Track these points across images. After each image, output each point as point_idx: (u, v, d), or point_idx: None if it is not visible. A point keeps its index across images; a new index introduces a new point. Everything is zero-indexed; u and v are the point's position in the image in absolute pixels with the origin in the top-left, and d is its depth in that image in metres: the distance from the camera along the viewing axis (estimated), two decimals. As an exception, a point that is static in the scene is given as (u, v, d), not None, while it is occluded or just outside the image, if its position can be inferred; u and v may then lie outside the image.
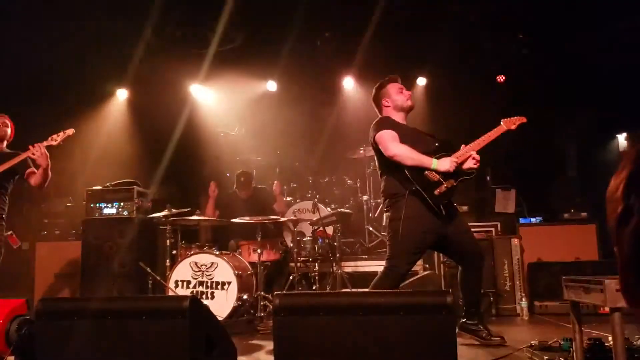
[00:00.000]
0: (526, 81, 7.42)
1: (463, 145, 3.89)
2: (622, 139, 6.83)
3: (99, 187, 6.21)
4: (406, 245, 3.69)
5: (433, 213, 3.69)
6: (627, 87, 6.42)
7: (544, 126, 7.12)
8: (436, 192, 3.69)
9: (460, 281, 3.97)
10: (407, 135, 3.86)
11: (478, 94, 7.62)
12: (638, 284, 0.70)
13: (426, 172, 3.73)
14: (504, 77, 7.17)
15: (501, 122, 4.04)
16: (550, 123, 7.19)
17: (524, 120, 4.08)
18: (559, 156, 7.54)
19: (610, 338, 2.52)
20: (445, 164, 3.73)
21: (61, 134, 4.41)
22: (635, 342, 3.08)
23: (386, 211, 3.91)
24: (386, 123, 3.94)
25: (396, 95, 4.00)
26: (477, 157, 3.82)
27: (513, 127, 4.03)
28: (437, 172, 3.73)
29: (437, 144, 3.90)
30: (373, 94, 4.14)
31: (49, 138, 4.37)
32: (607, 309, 2.45)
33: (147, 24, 6.37)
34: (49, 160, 4.29)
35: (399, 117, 4.01)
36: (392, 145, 3.76)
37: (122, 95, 7.66)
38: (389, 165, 3.82)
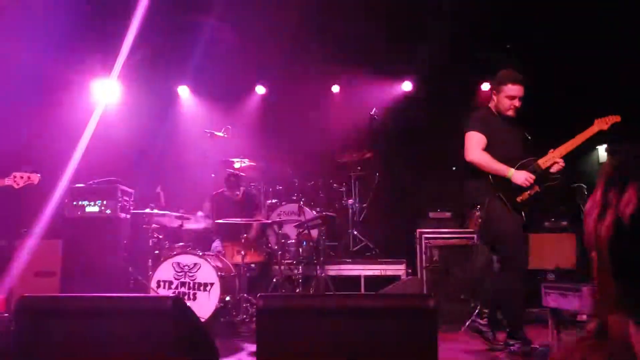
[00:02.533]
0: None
1: (551, 150, 3.96)
2: (602, 151, 6.94)
3: (81, 185, 6.14)
4: (511, 237, 3.82)
5: (516, 217, 3.82)
6: (607, 98, 6.52)
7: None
8: (518, 199, 3.81)
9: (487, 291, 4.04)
10: (497, 136, 3.95)
11: (463, 101, 7.71)
12: (616, 271, 0.74)
13: None
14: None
15: (594, 122, 3.99)
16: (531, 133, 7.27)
17: (618, 119, 3.97)
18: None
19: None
20: (519, 178, 3.80)
21: (25, 177, 3.86)
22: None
23: (477, 210, 4.03)
24: (480, 120, 4.01)
25: (504, 99, 4.01)
26: (562, 163, 3.91)
27: (605, 127, 3.96)
28: None
29: (523, 149, 3.98)
30: (495, 76, 4.12)
31: (12, 176, 3.81)
32: (584, 316, 2.50)
33: (135, 20, 6.32)
34: None
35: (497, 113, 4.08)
36: (473, 150, 3.89)
37: (108, 90, 7.56)
38: (473, 167, 3.93)
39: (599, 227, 0.74)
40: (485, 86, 7.81)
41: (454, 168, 7.12)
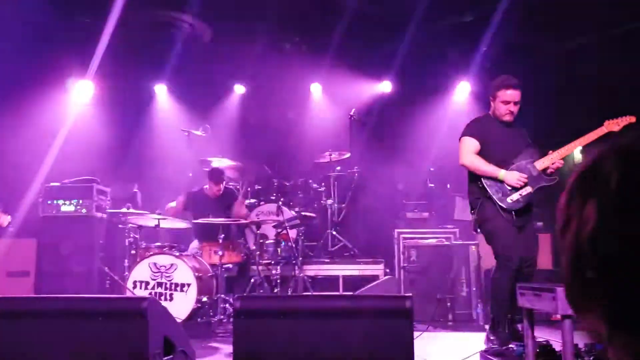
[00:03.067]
0: (486, 92, 7.59)
1: (550, 152, 3.97)
2: (577, 152, 7.06)
3: (57, 184, 6.05)
4: (500, 235, 3.88)
5: (506, 217, 3.87)
6: (581, 101, 6.63)
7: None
8: (509, 199, 3.85)
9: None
10: (495, 142, 4.03)
11: (440, 101, 7.79)
12: (579, 288, 0.69)
13: None
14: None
15: (604, 124, 3.88)
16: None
17: (633, 120, 3.85)
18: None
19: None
20: (511, 179, 3.86)
21: None
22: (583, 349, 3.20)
23: (472, 214, 4.07)
24: (476, 127, 4.11)
25: (499, 104, 4.06)
26: (559, 163, 3.91)
27: (617, 128, 3.85)
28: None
29: (520, 152, 4.00)
30: (491, 84, 4.18)
31: None
32: (559, 316, 2.54)
33: (112, 19, 6.24)
34: None
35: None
36: (465, 155, 4.01)
37: (84, 89, 7.44)
38: (470, 172, 4.04)
39: (563, 240, 0.70)
40: (462, 86, 7.89)
41: (431, 169, 7.19)
